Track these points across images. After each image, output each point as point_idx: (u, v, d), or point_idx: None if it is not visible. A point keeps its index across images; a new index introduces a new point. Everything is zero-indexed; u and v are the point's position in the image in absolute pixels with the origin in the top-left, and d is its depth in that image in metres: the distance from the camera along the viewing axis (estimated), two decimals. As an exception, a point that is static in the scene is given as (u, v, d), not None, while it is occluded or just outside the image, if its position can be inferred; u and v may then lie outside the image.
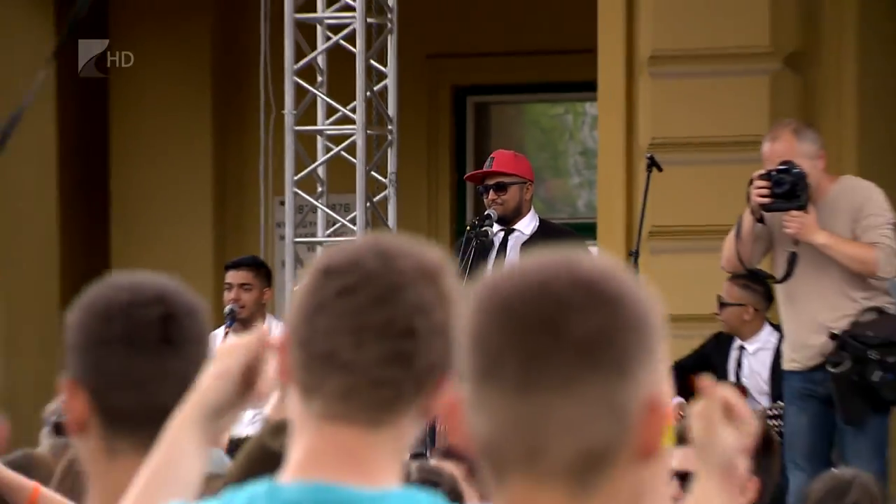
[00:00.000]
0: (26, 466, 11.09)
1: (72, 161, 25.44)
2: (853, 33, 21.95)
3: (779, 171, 16.97)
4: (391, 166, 21.30)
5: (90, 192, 26.21)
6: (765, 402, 18.94)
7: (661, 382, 2.55)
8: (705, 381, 4.10)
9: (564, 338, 2.45)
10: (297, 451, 3.35)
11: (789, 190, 17.03)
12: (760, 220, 17.11)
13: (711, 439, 4.05)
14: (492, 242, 18.76)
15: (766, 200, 17.00)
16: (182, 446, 3.99)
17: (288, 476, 3.37)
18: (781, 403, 18.20)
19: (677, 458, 4.09)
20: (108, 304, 4.22)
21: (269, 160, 21.79)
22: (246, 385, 4.08)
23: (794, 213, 16.77)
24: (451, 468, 9.76)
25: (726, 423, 4.00)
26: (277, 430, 5.25)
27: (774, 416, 18.52)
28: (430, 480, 8.74)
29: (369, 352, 3.19)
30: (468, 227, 19.77)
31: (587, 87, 22.70)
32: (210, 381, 4.03)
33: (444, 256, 3.36)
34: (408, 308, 3.24)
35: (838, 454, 18.45)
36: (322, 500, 3.35)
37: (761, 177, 16.97)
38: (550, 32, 24.22)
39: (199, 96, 26.32)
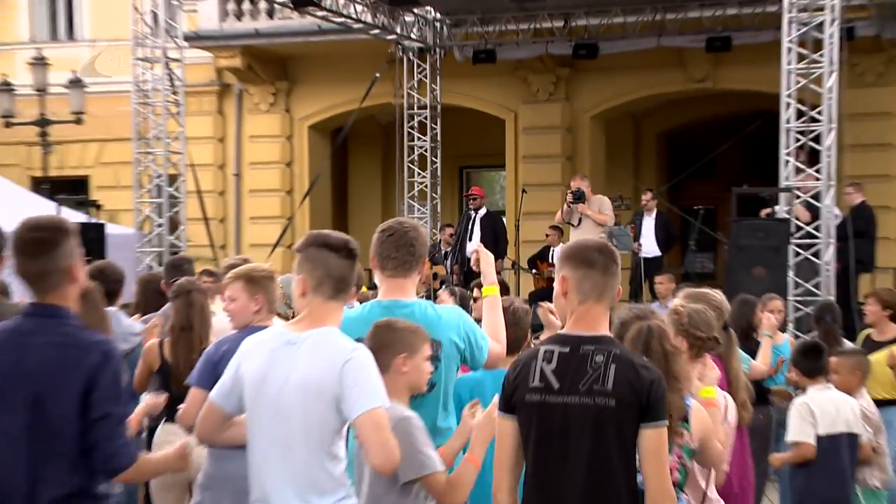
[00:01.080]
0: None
1: (336, 197, 25.91)
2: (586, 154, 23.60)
3: (576, 190, 17.87)
4: (438, 192, 22.66)
5: (341, 207, 26.57)
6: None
7: None
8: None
9: (611, 257, 4.67)
10: (381, 291, 5.83)
11: (579, 197, 17.67)
12: (569, 206, 17.87)
13: None
14: (471, 217, 19.08)
15: (570, 200, 17.89)
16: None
17: (379, 297, 5.91)
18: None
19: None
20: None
21: (399, 192, 22.59)
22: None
23: (581, 204, 17.63)
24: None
25: None
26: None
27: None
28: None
29: (401, 252, 5.55)
30: (465, 212, 20.12)
31: (503, 166, 24.30)
32: None
33: (418, 222, 5.65)
34: (409, 237, 5.57)
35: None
36: (393, 305, 5.79)
37: (570, 192, 18.04)
38: (488, 147, 24.48)
39: (376, 168, 26.23)
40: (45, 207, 16.73)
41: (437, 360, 5.66)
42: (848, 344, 9.67)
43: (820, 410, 7.36)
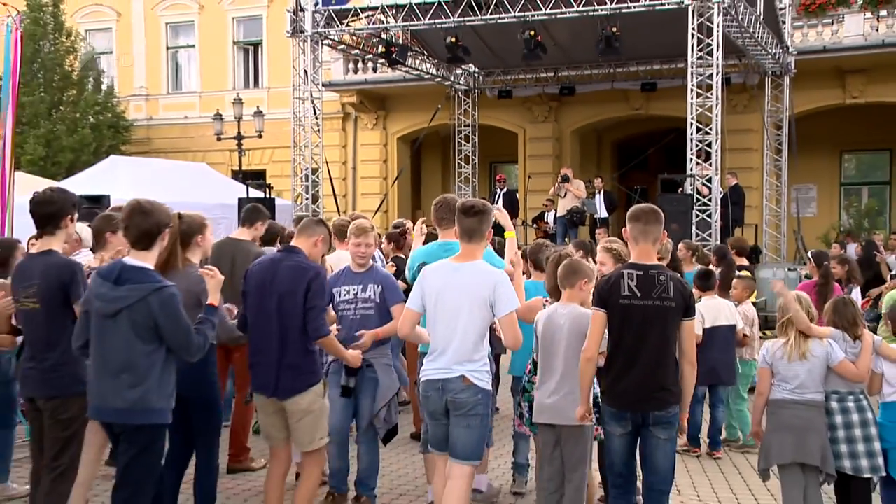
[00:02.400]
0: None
1: (413, 181, 24.69)
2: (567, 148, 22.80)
3: (564, 175, 17.24)
4: (476, 178, 21.91)
5: (416, 188, 25.17)
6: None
7: None
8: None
9: (658, 215, 4.46)
10: (439, 237, 5.32)
11: (565, 179, 17.02)
12: (559, 185, 17.27)
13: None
14: (497, 193, 18.47)
15: (560, 181, 17.21)
16: None
17: (438, 240, 5.46)
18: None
19: None
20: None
21: (452, 178, 22.06)
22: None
23: (566, 184, 17.02)
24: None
25: None
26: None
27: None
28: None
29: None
30: (492, 190, 20.07)
31: (517, 161, 23.08)
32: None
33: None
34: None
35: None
36: (444, 244, 5.43)
37: (560, 176, 17.39)
38: (507, 150, 23.22)
39: (437, 163, 24.85)
40: (239, 188, 17.28)
41: None
42: (744, 273, 9.39)
43: (706, 313, 7.15)
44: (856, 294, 8.46)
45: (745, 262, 10.65)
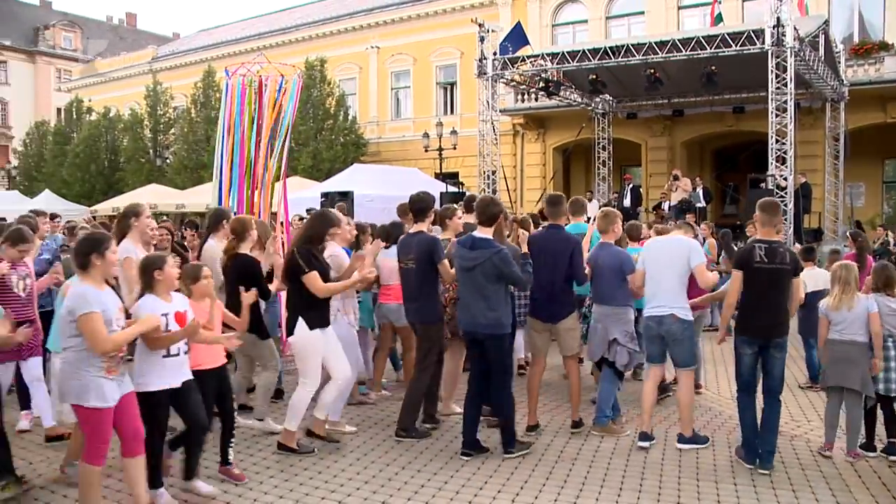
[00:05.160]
0: None
1: (564, 180, 23.44)
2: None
3: (675, 174, 16.18)
4: (611, 177, 20.89)
5: (566, 185, 23.89)
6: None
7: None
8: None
9: (776, 208, 3.94)
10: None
11: (676, 178, 16.08)
12: (671, 183, 16.24)
13: None
14: (625, 188, 17.94)
15: (672, 179, 16.19)
16: None
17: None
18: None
19: None
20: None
21: (592, 178, 21.11)
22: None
23: (677, 181, 15.69)
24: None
25: None
26: None
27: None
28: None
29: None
30: (623, 185, 18.73)
31: (640, 164, 22.61)
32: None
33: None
34: (583, 202, 4.30)
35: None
36: (577, 224, 5.35)
37: (672, 175, 16.21)
38: (634, 156, 22.58)
39: (582, 166, 23.39)
40: (440, 185, 17.38)
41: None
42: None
43: (808, 280, 6.52)
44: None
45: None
